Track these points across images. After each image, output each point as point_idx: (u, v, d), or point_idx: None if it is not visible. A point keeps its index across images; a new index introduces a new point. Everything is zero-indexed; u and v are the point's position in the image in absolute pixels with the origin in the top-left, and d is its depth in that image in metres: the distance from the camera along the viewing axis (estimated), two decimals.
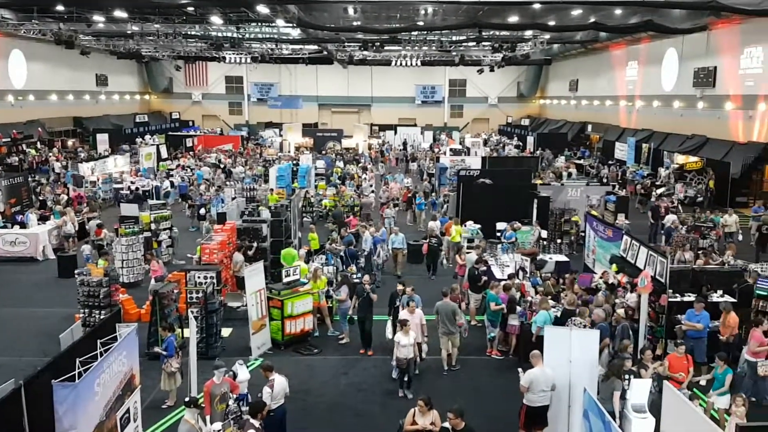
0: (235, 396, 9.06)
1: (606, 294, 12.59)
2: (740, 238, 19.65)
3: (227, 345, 12.92)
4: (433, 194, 26.64)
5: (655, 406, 8.20)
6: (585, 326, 10.63)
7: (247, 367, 10.49)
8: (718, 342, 11.37)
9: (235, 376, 9.53)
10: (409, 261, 18.52)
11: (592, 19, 30.99)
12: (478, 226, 19.47)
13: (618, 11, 30.28)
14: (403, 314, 11.31)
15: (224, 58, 45.82)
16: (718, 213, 20.62)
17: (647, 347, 10.39)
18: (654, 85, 38.36)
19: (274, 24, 35.50)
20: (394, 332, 12.06)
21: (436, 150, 43.45)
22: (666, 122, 36.47)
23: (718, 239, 18.64)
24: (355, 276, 15.12)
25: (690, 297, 12.31)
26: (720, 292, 12.59)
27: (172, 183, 30.29)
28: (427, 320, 11.70)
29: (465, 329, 12.42)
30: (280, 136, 49.98)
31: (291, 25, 33.52)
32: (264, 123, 58.04)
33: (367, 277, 13.15)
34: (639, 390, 8.55)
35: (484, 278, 14.38)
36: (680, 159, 31.40)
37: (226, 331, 13.52)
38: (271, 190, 25.69)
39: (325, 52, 46.50)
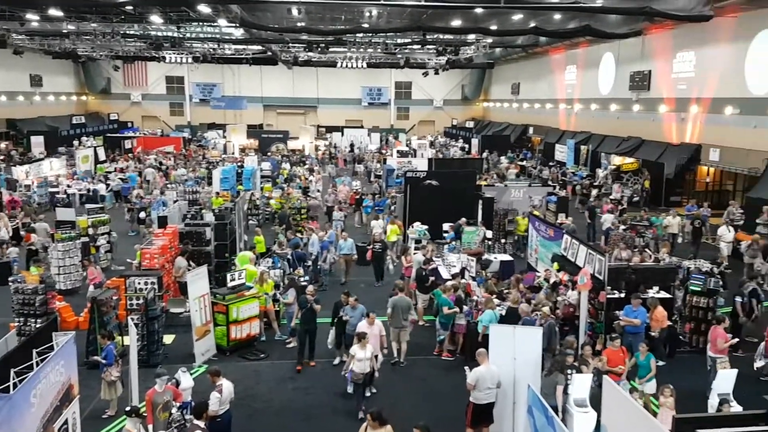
0: (178, 404, 8.85)
1: (548, 292, 12.90)
2: (680, 240, 20.28)
3: (170, 352, 12.62)
4: (377, 196, 26.58)
5: (596, 400, 8.45)
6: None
7: (191, 374, 10.27)
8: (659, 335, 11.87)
9: (178, 383, 9.32)
10: (358, 263, 18.32)
11: (533, 24, 31.68)
12: (426, 227, 19.67)
13: (557, 16, 31.08)
14: (361, 326, 10.83)
15: (164, 58, 44.68)
16: (660, 214, 21.19)
17: (587, 343, 10.72)
18: (592, 88, 39.59)
19: (216, 24, 34.87)
20: (338, 344, 11.95)
21: (385, 151, 43.65)
22: (603, 125, 37.68)
23: (654, 238, 19.34)
24: (302, 279, 15.02)
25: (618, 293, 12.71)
26: (656, 288, 13.07)
27: (107, 186, 29.44)
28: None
29: (412, 326, 12.68)
30: (224, 137, 49.22)
31: (234, 25, 32.99)
32: (207, 124, 57.02)
33: (311, 288, 12.64)
34: (580, 385, 8.82)
35: (432, 278, 14.54)
36: (617, 160, 32.50)
37: (168, 338, 13.21)
38: (217, 193, 25.24)
39: (270, 53, 46.01)
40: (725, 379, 9.08)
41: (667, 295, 12.90)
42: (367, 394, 10.83)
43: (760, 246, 16.84)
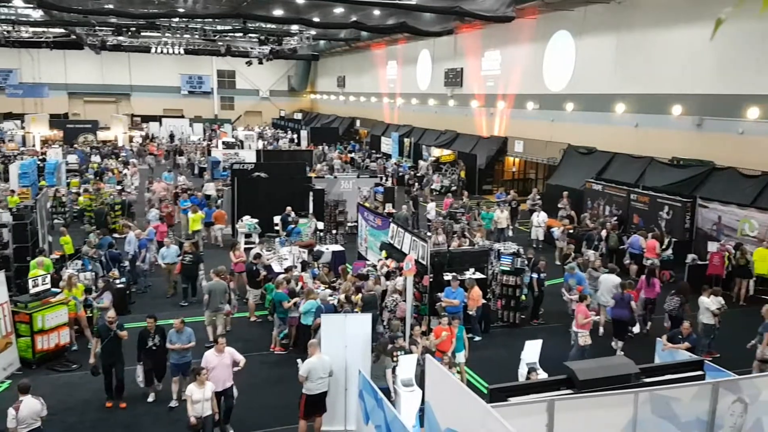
0: None
1: (375, 277, 13.34)
2: (510, 233, 20.56)
3: None
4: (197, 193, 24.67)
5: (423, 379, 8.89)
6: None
7: None
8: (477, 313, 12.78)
9: None
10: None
11: (354, 18, 32.37)
12: (255, 220, 19.31)
13: (376, 12, 32.04)
14: (208, 356, 9.13)
15: None
16: (490, 209, 21.29)
17: (415, 324, 11.26)
18: (411, 84, 41.48)
19: (10, 4, 31.02)
20: (149, 381, 10.29)
21: (210, 143, 41.97)
22: (423, 119, 39.70)
23: (468, 223, 20.76)
24: (118, 281, 14.00)
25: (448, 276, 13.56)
26: (472, 270, 14.06)
27: None
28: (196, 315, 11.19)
29: (229, 312, 12.85)
30: (22, 128, 44.20)
31: (31, 5, 29.57)
32: (2, 114, 50.71)
33: (112, 313, 10.35)
34: (406, 365, 9.22)
35: (263, 273, 14.30)
36: (436, 152, 34.47)
37: None
38: (12, 191, 22.49)
39: (74, 36, 41.94)
40: (532, 350, 10.00)
41: (482, 276, 13.95)
42: None
43: (566, 231, 18.78)
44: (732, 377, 6.71)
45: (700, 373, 6.80)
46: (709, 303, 11.96)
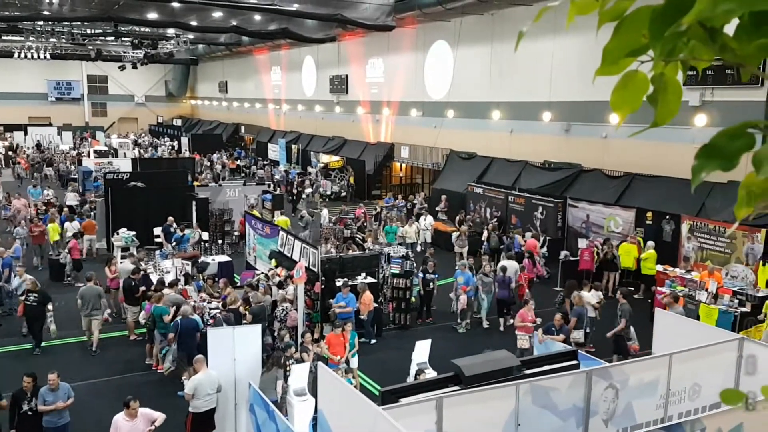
0: None
1: (264, 287, 13.09)
2: (419, 248, 19.81)
3: None
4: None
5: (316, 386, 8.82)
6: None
7: None
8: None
9: None
10: None
11: (233, 23, 31.70)
12: (133, 233, 18.33)
13: (257, 17, 31.59)
14: (118, 422, 7.85)
15: None
16: (396, 223, 20.54)
17: (306, 331, 11.17)
18: (297, 90, 41.19)
19: None
20: None
21: (80, 152, 39.31)
22: (310, 125, 39.54)
23: (361, 228, 20.90)
24: None
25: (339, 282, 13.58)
26: (363, 274, 14.17)
27: None
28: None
29: (105, 318, 12.94)
30: None
31: None
32: None
33: None
34: (298, 375, 9.11)
35: (142, 289, 13.56)
36: (325, 158, 34.44)
37: None
38: None
39: None
40: (422, 350, 10.20)
41: (373, 280, 14.10)
42: None
43: (466, 236, 19.30)
44: (603, 365, 7.22)
45: (575, 362, 7.26)
46: (590, 297, 12.75)
